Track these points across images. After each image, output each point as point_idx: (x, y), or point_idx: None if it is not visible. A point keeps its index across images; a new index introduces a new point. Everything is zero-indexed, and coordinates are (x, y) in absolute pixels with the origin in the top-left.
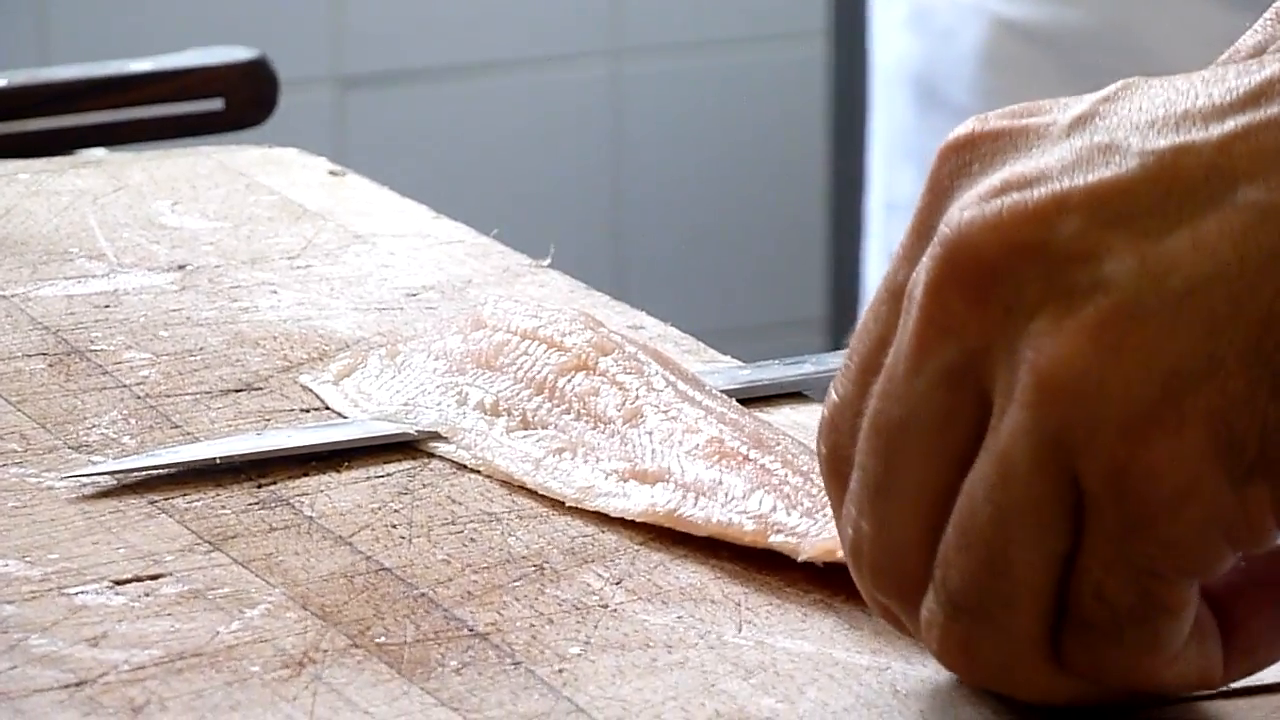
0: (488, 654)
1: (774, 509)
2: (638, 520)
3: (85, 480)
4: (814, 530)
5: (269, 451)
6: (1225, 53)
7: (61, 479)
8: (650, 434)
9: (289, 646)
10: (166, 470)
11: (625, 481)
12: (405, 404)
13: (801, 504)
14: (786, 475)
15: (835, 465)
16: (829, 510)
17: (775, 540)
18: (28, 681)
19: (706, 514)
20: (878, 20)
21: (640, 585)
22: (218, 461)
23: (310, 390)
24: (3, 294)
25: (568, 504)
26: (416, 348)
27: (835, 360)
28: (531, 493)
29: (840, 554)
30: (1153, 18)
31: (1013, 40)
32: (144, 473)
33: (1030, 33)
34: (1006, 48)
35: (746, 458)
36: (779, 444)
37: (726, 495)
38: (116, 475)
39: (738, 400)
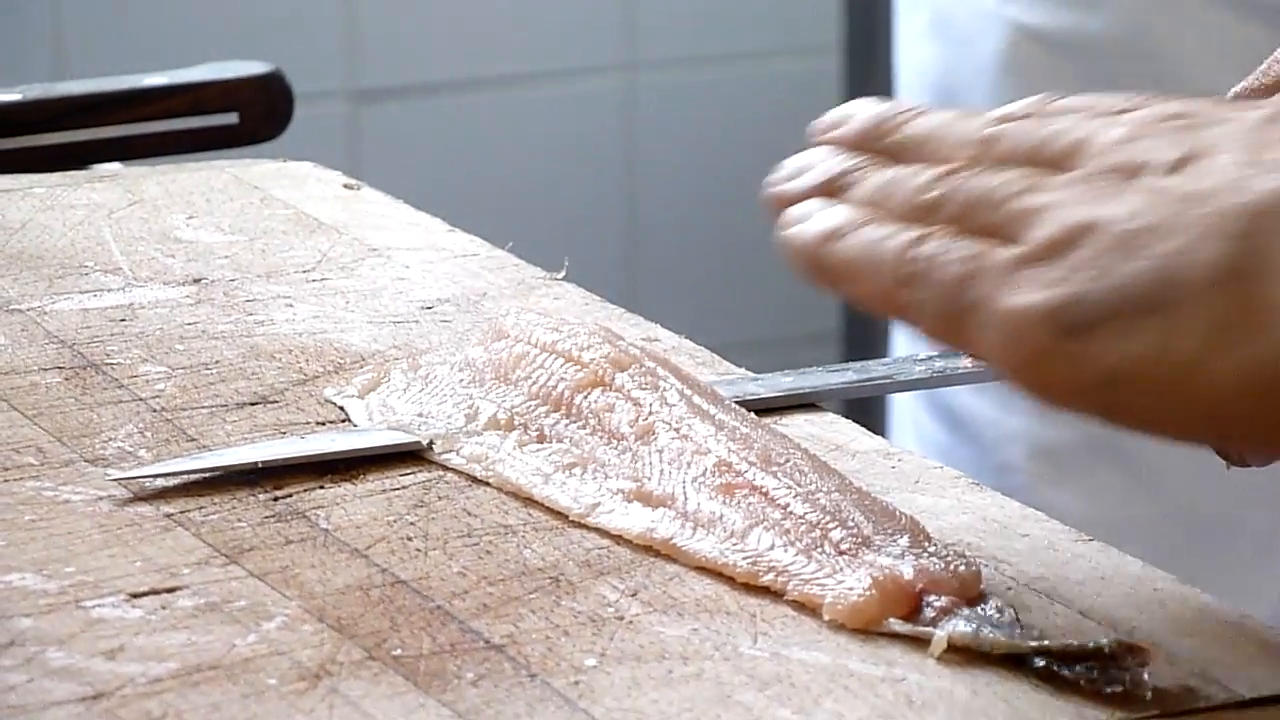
0: (504, 666)
1: (771, 547)
2: (635, 542)
3: (102, 494)
4: (820, 574)
5: (278, 460)
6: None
7: (77, 493)
8: (660, 452)
9: (305, 659)
10: (181, 482)
11: (630, 501)
12: (420, 415)
13: (800, 541)
14: (789, 505)
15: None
16: (828, 543)
17: (766, 580)
18: (45, 694)
19: (701, 548)
20: (900, 30)
21: (655, 597)
22: (226, 471)
23: (334, 404)
24: (19, 308)
25: (572, 519)
26: (435, 361)
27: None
28: (546, 505)
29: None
30: (1171, 26)
31: (1031, 47)
32: (158, 481)
33: (1049, 40)
34: (1025, 55)
35: (752, 486)
36: (788, 460)
37: (725, 531)
38: (132, 488)
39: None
